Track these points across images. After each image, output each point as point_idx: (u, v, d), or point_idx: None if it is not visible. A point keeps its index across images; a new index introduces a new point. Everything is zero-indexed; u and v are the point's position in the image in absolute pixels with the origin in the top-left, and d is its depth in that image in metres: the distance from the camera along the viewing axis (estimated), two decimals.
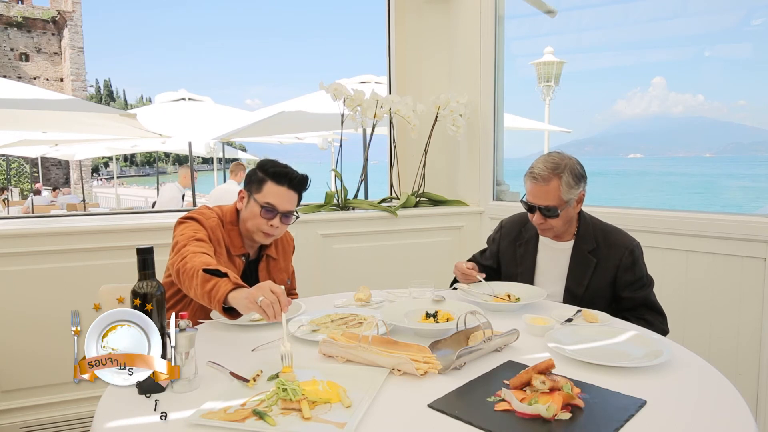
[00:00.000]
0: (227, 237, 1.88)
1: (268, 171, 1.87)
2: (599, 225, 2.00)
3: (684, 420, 1.07)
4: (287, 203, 1.87)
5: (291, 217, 1.90)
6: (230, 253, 1.88)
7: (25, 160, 31.76)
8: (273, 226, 1.85)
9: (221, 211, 1.94)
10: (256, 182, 1.88)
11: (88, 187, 27.30)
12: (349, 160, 3.98)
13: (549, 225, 1.92)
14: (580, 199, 1.93)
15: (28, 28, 40.37)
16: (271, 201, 1.84)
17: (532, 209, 1.92)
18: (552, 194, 1.87)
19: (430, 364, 1.27)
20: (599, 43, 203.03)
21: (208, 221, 1.84)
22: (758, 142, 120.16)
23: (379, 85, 5.43)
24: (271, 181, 1.86)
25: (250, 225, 1.87)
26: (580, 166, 1.92)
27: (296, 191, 1.90)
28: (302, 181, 1.91)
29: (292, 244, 2.15)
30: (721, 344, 2.29)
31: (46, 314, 2.44)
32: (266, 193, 1.85)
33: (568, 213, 1.92)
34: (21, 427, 2.47)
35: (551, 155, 1.93)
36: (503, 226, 2.20)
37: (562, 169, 1.87)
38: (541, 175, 1.88)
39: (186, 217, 1.86)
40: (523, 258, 2.07)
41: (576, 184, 1.88)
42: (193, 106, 8.36)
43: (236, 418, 1.06)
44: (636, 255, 1.91)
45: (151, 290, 1.19)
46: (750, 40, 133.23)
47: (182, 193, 6.61)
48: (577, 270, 1.95)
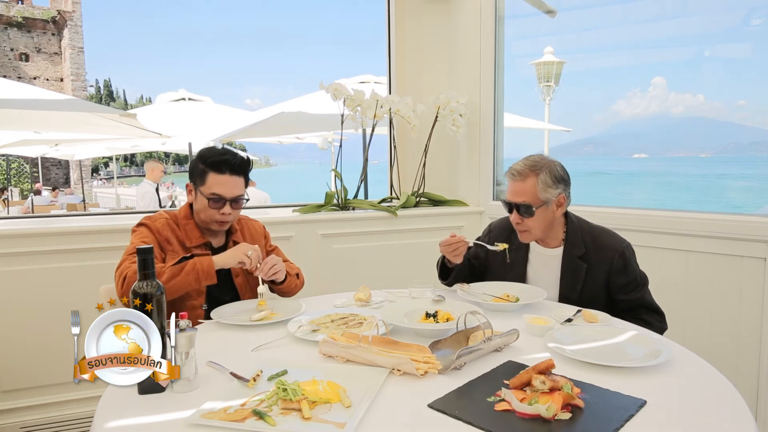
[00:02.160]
0: (182, 232, 1.91)
1: (207, 161, 1.88)
2: (587, 228, 1.96)
3: (684, 420, 1.07)
4: (233, 189, 1.88)
5: (240, 202, 1.92)
6: (186, 247, 1.89)
7: (25, 160, 31.76)
8: (224, 213, 1.88)
9: (175, 211, 1.98)
10: (199, 174, 1.90)
11: (88, 187, 27.29)
12: (349, 160, 3.98)
13: (526, 226, 1.91)
14: (560, 203, 1.90)
15: (28, 28, 40.38)
16: (216, 191, 1.86)
17: (510, 208, 1.93)
18: (528, 191, 1.87)
19: (430, 364, 1.27)
20: (599, 43, 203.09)
21: (154, 223, 1.89)
22: (758, 142, 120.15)
23: (379, 85, 5.42)
24: (212, 171, 1.87)
25: (203, 216, 1.90)
26: (562, 169, 1.91)
27: (240, 175, 1.91)
28: (243, 164, 1.92)
29: (262, 231, 2.14)
30: (721, 344, 2.28)
31: (46, 314, 2.44)
32: (210, 184, 1.87)
33: (546, 215, 1.89)
34: (21, 427, 2.47)
35: (533, 155, 1.93)
36: (492, 230, 2.16)
37: (540, 168, 1.87)
38: (518, 172, 1.89)
39: (137, 224, 1.91)
40: (514, 265, 2.03)
41: (554, 184, 1.87)
42: (193, 106, 8.34)
43: (236, 418, 1.05)
44: (627, 257, 1.88)
45: (151, 290, 1.19)
46: (750, 40, 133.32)
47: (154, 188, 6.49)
48: (569, 276, 1.92)
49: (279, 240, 2.39)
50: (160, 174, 6.70)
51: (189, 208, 1.96)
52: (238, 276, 1.97)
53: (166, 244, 1.86)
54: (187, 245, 1.90)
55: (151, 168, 6.61)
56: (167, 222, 1.91)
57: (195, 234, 1.92)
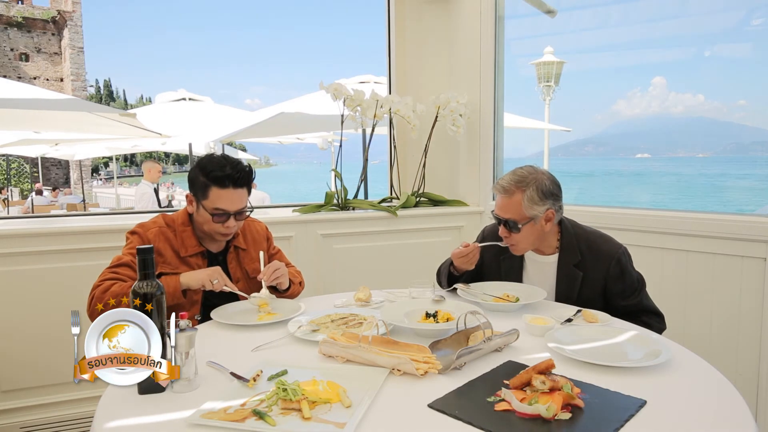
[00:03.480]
0: (177, 240, 1.87)
1: (210, 176, 1.82)
2: (582, 234, 1.94)
3: (684, 420, 1.07)
4: (237, 203, 1.85)
5: (244, 214, 1.89)
6: (180, 256, 1.86)
7: (25, 160, 31.76)
8: (228, 226, 1.85)
9: (173, 216, 1.93)
10: (200, 187, 1.84)
11: (88, 187, 27.31)
12: (349, 160, 3.99)
13: (513, 240, 1.89)
14: (548, 218, 1.87)
15: (28, 28, 40.39)
16: (220, 206, 1.82)
17: (497, 222, 1.92)
18: (514, 208, 1.85)
19: (430, 364, 1.27)
20: (599, 43, 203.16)
21: (146, 233, 1.85)
22: (758, 142, 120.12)
23: (379, 85, 5.41)
24: (215, 186, 1.82)
25: (206, 228, 1.87)
26: (551, 183, 1.87)
27: (243, 187, 1.87)
28: (245, 176, 1.87)
29: (264, 233, 2.11)
30: (721, 344, 2.28)
31: (46, 314, 2.44)
32: (213, 198, 1.82)
33: (534, 230, 1.87)
34: (21, 427, 2.47)
35: (522, 168, 1.90)
36: (485, 237, 2.12)
37: (527, 184, 1.84)
38: (504, 188, 1.87)
39: (130, 231, 1.88)
40: (509, 273, 2.02)
41: (540, 200, 1.84)
42: (193, 106, 8.34)
43: (236, 418, 1.06)
44: (623, 263, 1.86)
45: (151, 290, 1.19)
46: (750, 40, 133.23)
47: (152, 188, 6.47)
48: (565, 284, 1.91)
49: (279, 240, 2.39)
50: (158, 174, 6.68)
51: (187, 215, 1.92)
52: (239, 282, 1.96)
53: (157, 256, 1.80)
54: (182, 254, 1.86)
55: (148, 168, 6.59)
56: (160, 231, 1.86)
57: (191, 242, 1.88)
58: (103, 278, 1.73)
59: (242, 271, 1.98)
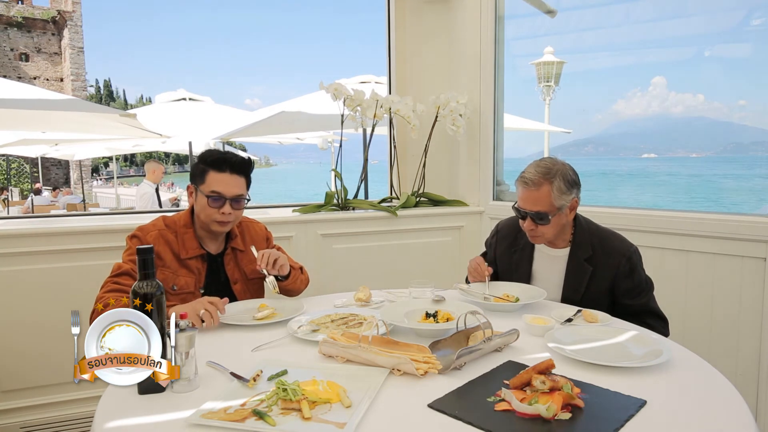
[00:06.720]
0: (179, 242, 1.88)
1: (207, 160, 1.88)
2: (596, 231, 1.95)
3: (684, 420, 1.07)
4: (233, 188, 1.87)
5: (241, 202, 1.90)
6: (180, 258, 1.87)
7: (25, 160, 31.74)
8: (224, 213, 1.85)
9: (174, 217, 1.94)
10: (199, 174, 1.89)
11: (88, 187, 27.32)
12: (349, 160, 3.99)
13: (539, 232, 1.89)
14: (573, 207, 1.89)
15: (28, 28, 40.38)
16: (216, 189, 1.85)
17: (523, 215, 1.90)
18: (543, 200, 1.84)
19: (430, 364, 1.27)
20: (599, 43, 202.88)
21: (146, 237, 1.86)
22: (758, 142, 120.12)
23: (379, 85, 5.42)
24: (212, 169, 1.86)
25: (203, 217, 1.88)
26: (573, 172, 1.89)
27: (240, 174, 1.90)
28: (243, 163, 1.91)
29: (263, 233, 2.12)
30: (721, 344, 2.28)
31: (46, 314, 2.44)
32: (210, 182, 1.86)
33: (560, 220, 1.88)
34: (21, 427, 2.47)
35: (543, 160, 1.90)
36: (499, 231, 2.16)
37: (554, 175, 1.84)
38: (532, 180, 1.85)
39: (130, 235, 1.89)
40: (519, 265, 2.04)
41: (568, 190, 1.85)
42: (193, 106, 8.34)
43: (236, 418, 1.06)
44: (634, 262, 1.87)
45: (151, 290, 1.19)
46: (750, 40, 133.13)
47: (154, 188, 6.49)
48: (573, 278, 1.92)
49: (279, 240, 2.39)
50: (161, 175, 6.70)
51: (189, 216, 1.94)
52: (237, 283, 1.96)
53: (157, 259, 1.80)
54: (182, 257, 1.86)
55: (152, 169, 6.61)
56: (160, 234, 1.87)
57: (192, 245, 1.89)
58: (106, 290, 1.73)
59: (240, 273, 1.98)
